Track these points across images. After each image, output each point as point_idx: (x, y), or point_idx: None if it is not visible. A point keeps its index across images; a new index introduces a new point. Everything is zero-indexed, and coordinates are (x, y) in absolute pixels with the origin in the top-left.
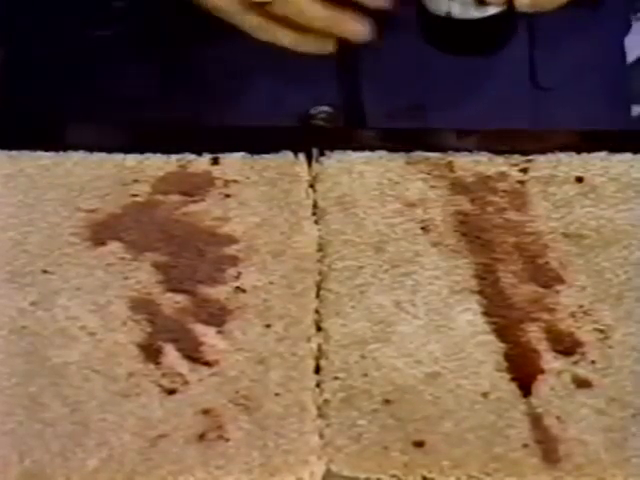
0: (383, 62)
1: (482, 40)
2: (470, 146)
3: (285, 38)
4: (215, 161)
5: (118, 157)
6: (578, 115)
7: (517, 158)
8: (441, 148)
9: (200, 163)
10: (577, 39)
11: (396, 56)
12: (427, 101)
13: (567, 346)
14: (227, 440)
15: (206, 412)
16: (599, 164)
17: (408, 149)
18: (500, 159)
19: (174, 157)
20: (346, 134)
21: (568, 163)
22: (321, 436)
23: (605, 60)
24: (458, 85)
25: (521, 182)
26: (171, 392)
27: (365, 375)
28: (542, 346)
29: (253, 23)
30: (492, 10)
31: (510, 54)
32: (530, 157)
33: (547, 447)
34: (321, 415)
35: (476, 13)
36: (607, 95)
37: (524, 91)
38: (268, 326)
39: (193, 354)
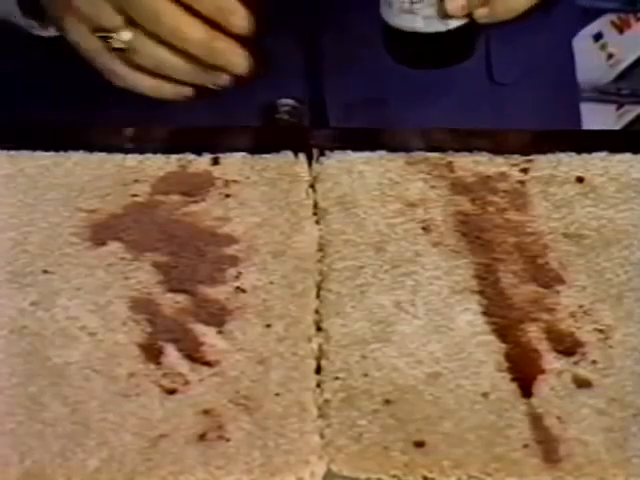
0: (346, 56)
1: (446, 53)
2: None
3: (143, 84)
4: (215, 161)
5: (118, 157)
6: (532, 111)
7: (517, 158)
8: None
9: (200, 163)
10: (530, 37)
11: (359, 51)
12: (388, 96)
13: (567, 346)
14: (227, 440)
15: (206, 412)
16: (599, 164)
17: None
18: (500, 159)
19: (174, 157)
20: (345, 134)
21: (568, 163)
22: (322, 436)
23: (556, 59)
24: (418, 81)
25: (521, 182)
26: (171, 392)
27: (365, 375)
28: (542, 346)
29: (113, 68)
30: (455, 23)
31: None
32: (530, 157)
33: (547, 447)
34: (322, 415)
35: (440, 27)
36: (557, 92)
37: (482, 87)
38: (268, 326)
39: (193, 354)
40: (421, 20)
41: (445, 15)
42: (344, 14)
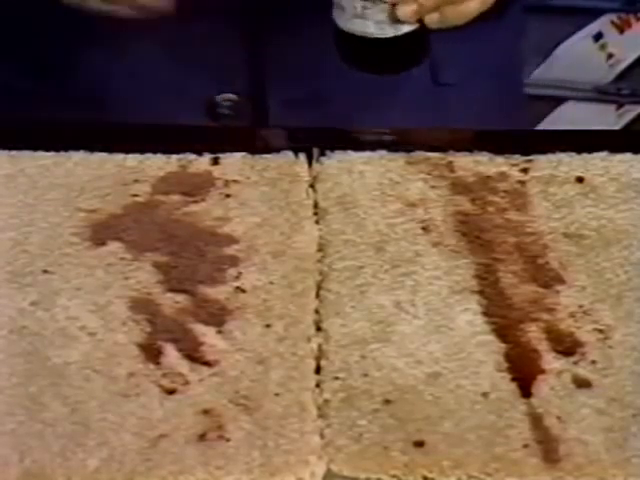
0: (290, 54)
1: (397, 58)
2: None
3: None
4: (215, 161)
5: (119, 157)
6: (476, 110)
7: (517, 158)
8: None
9: (200, 163)
10: (475, 37)
11: (301, 46)
12: (331, 95)
13: (567, 346)
14: (227, 440)
15: (206, 412)
16: (599, 164)
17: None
18: (500, 159)
19: (174, 157)
20: (345, 134)
21: (568, 163)
22: (321, 436)
23: (502, 58)
24: (361, 80)
25: (521, 182)
26: (171, 392)
27: (365, 375)
28: (542, 346)
29: None
30: (406, 28)
31: None
32: (530, 157)
33: (547, 447)
34: (321, 415)
35: (391, 32)
36: (502, 91)
37: (426, 88)
38: (268, 326)
39: (193, 354)
40: (373, 25)
41: (397, 20)
42: (290, 12)
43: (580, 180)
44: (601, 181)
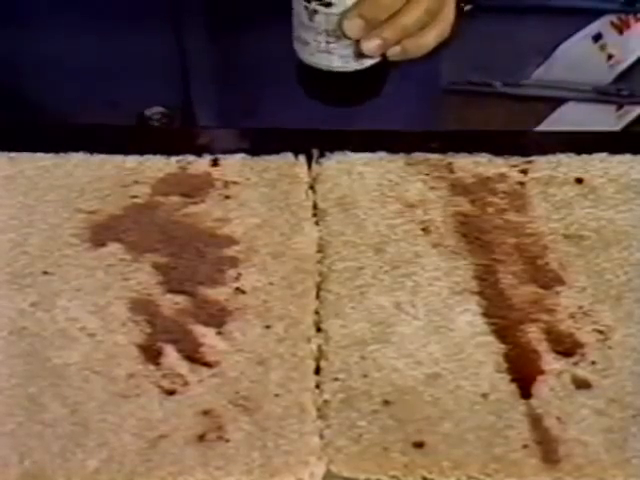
0: (217, 62)
1: (359, 90)
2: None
3: None
4: (215, 162)
5: (118, 158)
6: (403, 116)
7: (517, 159)
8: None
9: (200, 164)
10: None
11: (229, 57)
12: (259, 104)
13: (567, 347)
14: (227, 441)
15: (206, 413)
16: (599, 165)
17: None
18: (500, 160)
19: (174, 158)
20: (345, 136)
21: (568, 164)
22: (321, 437)
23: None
24: (292, 93)
25: (521, 183)
26: (171, 393)
27: (365, 376)
28: (542, 347)
29: None
30: (369, 62)
31: None
32: (530, 158)
33: (547, 448)
34: (321, 416)
35: (355, 65)
36: (422, 95)
37: None
38: (268, 327)
39: (193, 355)
40: (338, 59)
41: (361, 54)
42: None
43: (580, 181)
44: (601, 182)
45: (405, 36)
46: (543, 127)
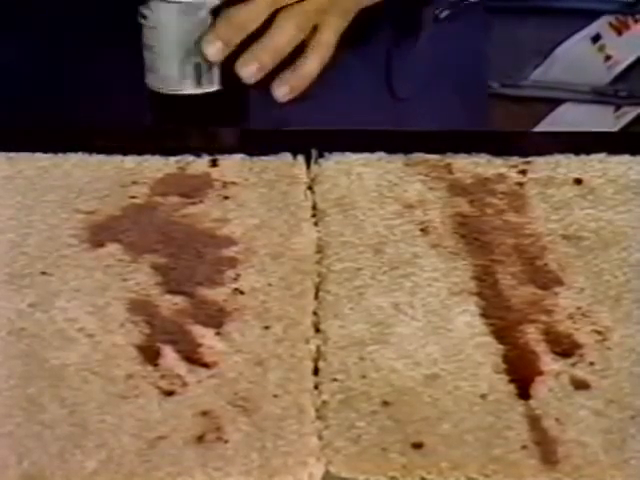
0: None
1: (217, 113)
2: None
3: None
4: (214, 163)
5: (117, 159)
6: (436, 122)
7: (515, 160)
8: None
9: (199, 165)
10: (432, 48)
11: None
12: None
13: (565, 348)
14: (226, 442)
15: (205, 414)
16: (597, 166)
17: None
18: (499, 161)
19: (173, 159)
20: (346, 135)
21: (566, 165)
22: (320, 438)
23: (461, 67)
24: (314, 100)
25: (520, 184)
26: (170, 394)
27: (364, 377)
28: (540, 348)
29: None
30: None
31: (367, 66)
32: (528, 159)
33: (546, 449)
34: (320, 417)
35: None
36: (464, 99)
37: (384, 103)
38: (267, 328)
39: (191, 356)
40: (190, 83)
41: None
42: None
43: (578, 182)
44: (599, 183)
45: (280, 57)
46: (541, 128)
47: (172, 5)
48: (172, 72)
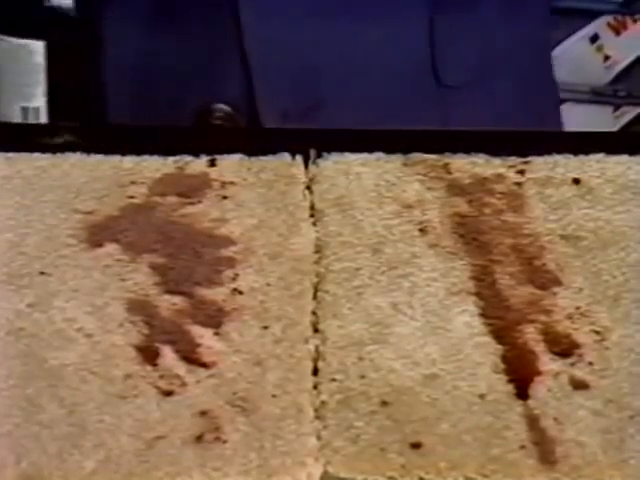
0: (280, 58)
1: None
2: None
3: None
4: (212, 163)
5: (115, 159)
6: (490, 115)
7: (514, 160)
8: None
9: (197, 165)
10: (486, 35)
11: (294, 53)
12: (324, 101)
13: (564, 348)
14: (224, 442)
15: (203, 414)
16: (596, 166)
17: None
18: (497, 161)
19: (171, 159)
20: (344, 135)
21: (565, 165)
22: (318, 438)
23: (521, 58)
24: (356, 84)
25: (518, 184)
26: (168, 394)
27: (362, 377)
28: (539, 348)
29: None
30: None
31: (411, 53)
32: (527, 159)
33: (544, 449)
34: (318, 417)
35: None
36: (524, 96)
37: (428, 90)
38: (265, 328)
39: (190, 356)
40: None
41: None
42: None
43: (577, 182)
44: (598, 183)
45: None
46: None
47: None
48: None
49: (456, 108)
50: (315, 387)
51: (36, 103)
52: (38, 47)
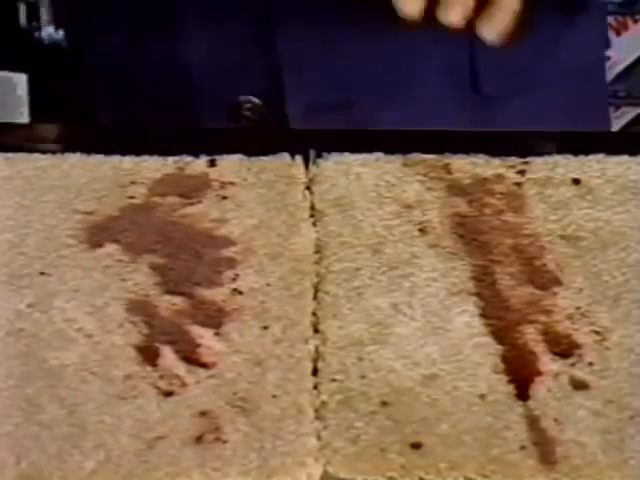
0: (311, 55)
1: None
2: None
3: None
4: (212, 163)
5: (115, 159)
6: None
7: (514, 160)
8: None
9: (197, 165)
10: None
11: (325, 51)
12: (354, 100)
13: (564, 348)
14: (224, 442)
15: (203, 414)
16: (596, 166)
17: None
18: (497, 161)
19: (171, 159)
20: (344, 135)
21: (565, 165)
22: (318, 438)
23: (570, 67)
24: (388, 84)
25: (518, 184)
26: (168, 394)
27: (362, 377)
28: (539, 348)
29: None
30: None
31: (450, 58)
32: (527, 159)
33: (544, 449)
34: (318, 417)
35: None
36: (564, 110)
37: (463, 96)
38: (265, 328)
39: (190, 356)
40: None
41: None
42: (308, 14)
43: (577, 182)
44: (598, 183)
45: None
46: None
47: None
48: None
49: (497, 118)
50: (315, 387)
51: None
52: (21, 80)
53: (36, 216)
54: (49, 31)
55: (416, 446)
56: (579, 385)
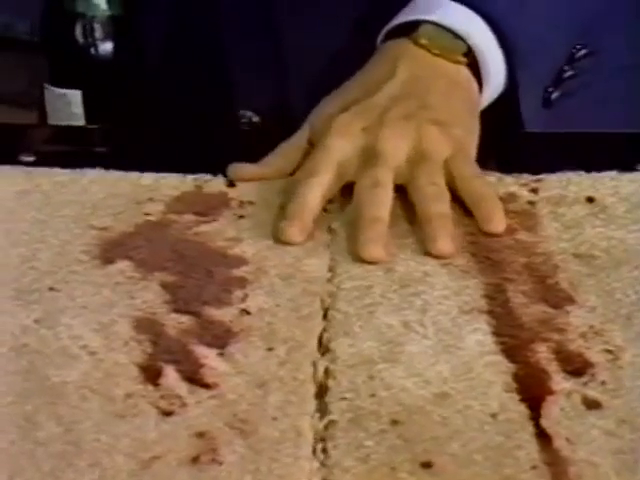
0: (315, 69)
1: None
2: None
3: None
4: (231, 182)
5: (134, 175)
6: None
7: (526, 178)
8: None
9: (216, 184)
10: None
11: (330, 63)
12: None
13: (577, 367)
14: (220, 464)
15: (201, 435)
16: (609, 184)
17: None
18: (509, 179)
19: (190, 177)
20: None
21: (578, 183)
22: (328, 457)
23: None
24: None
25: (531, 203)
26: (168, 414)
27: (373, 395)
28: (552, 367)
29: None
30: None
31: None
32: (540, 177)
33: (556, 469)
34: (328, 436)
35: None
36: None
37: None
38: (270, 349)
39: (193, 376)
40: None
41: None
42: (313, 30)
43: (590, 200)
44: (611, 201)
45: None
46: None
47: None
48: None
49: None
50: (325, 406)
51: None
52: (75, 96)
53: (51, 231)
54: (104, 47)
55: (427, 465)
56: (592, 404)
